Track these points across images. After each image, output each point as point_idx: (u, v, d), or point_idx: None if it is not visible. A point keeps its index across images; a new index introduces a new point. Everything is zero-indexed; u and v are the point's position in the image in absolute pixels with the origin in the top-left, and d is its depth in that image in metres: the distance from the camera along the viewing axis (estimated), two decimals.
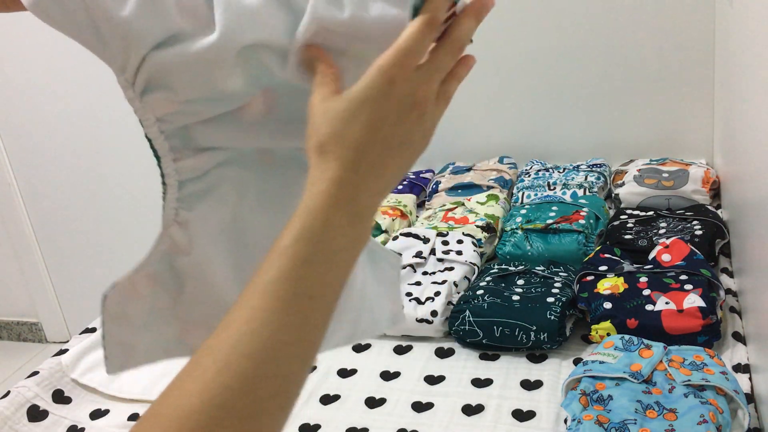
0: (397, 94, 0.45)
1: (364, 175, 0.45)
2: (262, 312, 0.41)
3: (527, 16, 1.72)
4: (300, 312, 0.43)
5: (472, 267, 1.31)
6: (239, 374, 0.40)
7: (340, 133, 0.45)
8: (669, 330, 1.03)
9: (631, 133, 1.74)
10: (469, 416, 1.00)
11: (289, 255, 0.43)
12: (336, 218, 0.44)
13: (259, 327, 0.41)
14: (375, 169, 0.45)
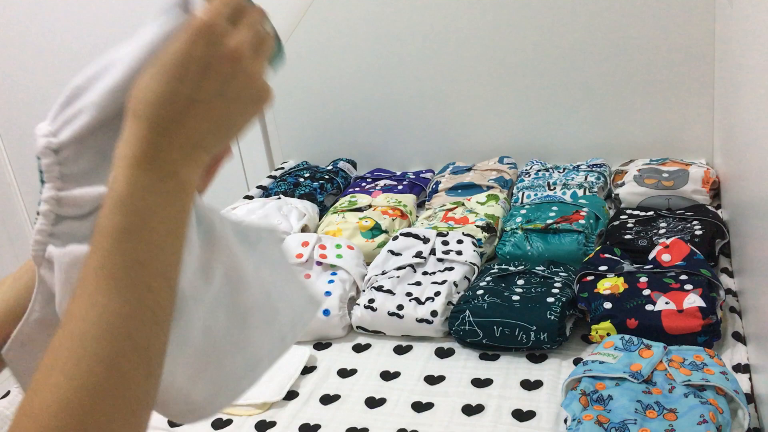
0: (202, 46, 0.45)
1: (167, 131, 0.45)
2: (100, 295, 0.42)
3: (527, 16, 1.72)
4: (137, 281, 0.43)
5: (472, 267, 1.31)
6: (99, 358, 0.41)
7: (143, 92, 0.45)
8: (669, 330, 1.03)
9: (631, 133, 1.74)
10: (469, 416, 1.00)
11: (108, 230, 0.43)
12: (142, 179, 0.44)
13: (102, 310, 0.42)
14: (182, 123, 0.45)
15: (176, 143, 0.45)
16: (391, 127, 1.96)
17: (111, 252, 0.43)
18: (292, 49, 2.11)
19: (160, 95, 0.45)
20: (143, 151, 0.44)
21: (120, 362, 0.41)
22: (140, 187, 0.44)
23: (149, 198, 0.44)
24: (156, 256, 0.44)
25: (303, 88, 1.98)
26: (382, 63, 1.89)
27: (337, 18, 1.88)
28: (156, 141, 0.44)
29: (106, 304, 0.42)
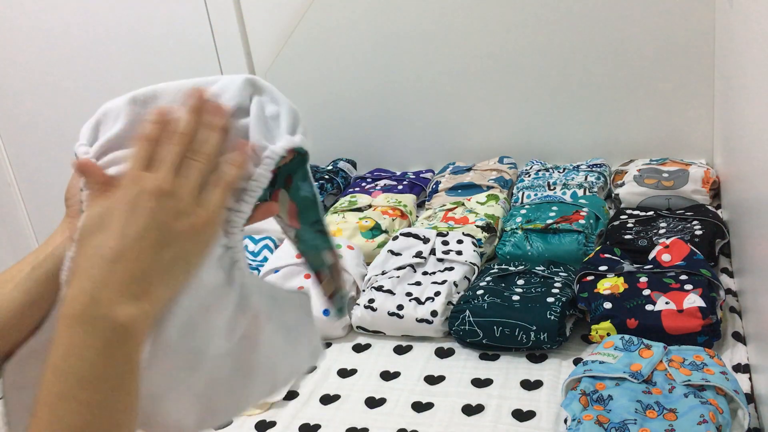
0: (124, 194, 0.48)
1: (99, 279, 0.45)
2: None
3: (527, 17, 1.72)
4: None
5: (472, 267, 1.31)
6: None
7: (79, 251, 0.47)
8: (669, 330, 1.03)
9: (631, 133, 1.74)
10: (469, 416, 1.00)
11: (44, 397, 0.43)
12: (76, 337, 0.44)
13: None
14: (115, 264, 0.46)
15: (111, 287, 0.45)
16: (391, 127, 1.96)
17: (50, 422, 0.43)
18: (293, 49, 2.12)
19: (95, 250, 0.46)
20: (80, 304, 0.45)
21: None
22: (75, 345, 0.44)
23: (86, 355, 0.44)
24: (100, 415, 0.44)
25: (303, 88, 1.98)
26: (382, 63, 1.89)
27: (337, 17, 1.88)
28: (90, 291, 0.45)
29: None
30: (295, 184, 0.58)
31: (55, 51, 2.17)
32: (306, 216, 0.59)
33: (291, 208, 0.59)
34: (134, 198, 0.47)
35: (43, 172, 2.39)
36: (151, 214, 0.47)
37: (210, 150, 0.50)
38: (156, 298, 0.47)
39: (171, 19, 2.04)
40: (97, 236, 0.46)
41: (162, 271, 0.47)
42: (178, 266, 0.48)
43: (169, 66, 2.10)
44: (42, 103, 2.27)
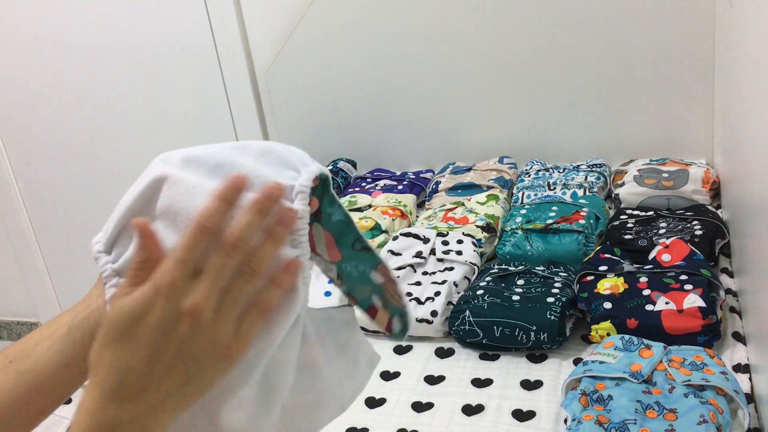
0: (160, 307, 0.43)
1: (123, 398, 0.44)
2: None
3: (527, 17, 1.72)
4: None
5: (472, 267, 1.31)
6: None
7: (100, 351, 0.44)
8: (669, 330, 1.03)
9: (631, 133, 1.74)
10: (469, 416, 1.00)
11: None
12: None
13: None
14: (140, 389, 0.44)
15: (132, 411, 0.44)
16: (391, 127, 1.96)
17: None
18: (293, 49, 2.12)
19: (115, 361, 0.44)
20: (99, 422, 0.43)
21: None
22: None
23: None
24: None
25: (303, 88, 1.98)
26: (382, 63, 1.89)
27: (337, 17, 1.88)
28: (111, 410, 0.43)
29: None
30: (325, 213, 0.57)
31: (55, 51, 2.17)
32: (344, 240, 0.58)
33: (327, 239, 0.59)
34: (170, 319, 0.44)
35: (43, 172, 2.39)
36: (184, 342, 0.44)
37: (264, 269, 0.46)
38: (166, 421, 0.45)
39: (171, 19, 2.04)
40: (123, 351, 0.43)
41: (177, 402, 0.45)
42: (193, 397, 0.46)
43: (170, 66, 2.10)
44: (42, 103, 2.27)
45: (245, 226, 0.45)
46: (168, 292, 0.43)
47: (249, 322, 0.46)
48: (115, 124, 2.22)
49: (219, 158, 0.50)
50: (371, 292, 0.61)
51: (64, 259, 2.51)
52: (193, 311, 0.44)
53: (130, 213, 0.50)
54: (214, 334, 0.45)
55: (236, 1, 1.97)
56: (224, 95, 2.09)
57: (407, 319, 0.62)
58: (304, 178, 0.50)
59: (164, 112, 2.16)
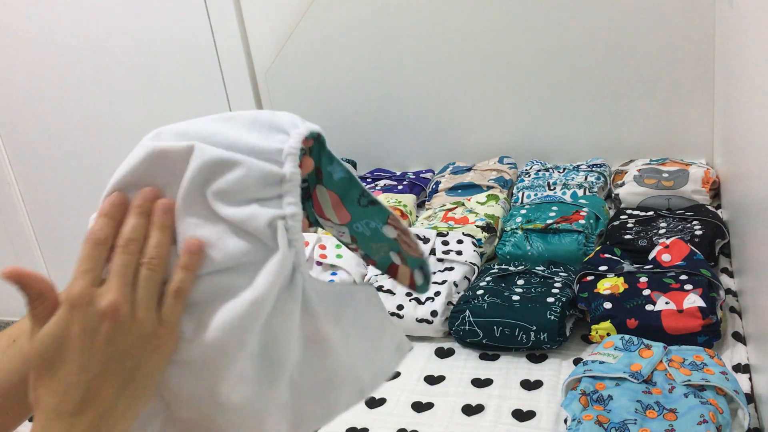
0: (78, 317, 0.44)
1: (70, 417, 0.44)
2: None
3: (527, 17, 1.72)
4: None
5: (472, 267, 1.31)
6: None
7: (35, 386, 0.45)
8: (669, 330, 1.03)
9: (631, 133, 1.74)
10: (469, 416, 1.00)
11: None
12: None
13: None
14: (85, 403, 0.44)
15: (81, 425, 0.44)
16: (391, 127, 1.96)
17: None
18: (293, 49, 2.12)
19: (50, 385, 0.44)
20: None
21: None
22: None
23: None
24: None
25: (303, 88, 1.98)
26: (382, 63, 1.89)
27: (337, 18, 1.88)
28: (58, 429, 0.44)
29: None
30: (326, 173, 0.57)
31: (55, 51, 2.17)
32: (350, 197, 0.58)
33: (333, 199, 0.58)
34: (91, 323, 0.44)
35: (43, 172, 2.39)
36: (111, 341, 0.45)
37: (164, 254, 0.47)
38: (121, 424, 0.46)
39: (171, 19, 2.04)
40: (55, 373, 0.44)
41: (126, 406, 0.46)
42: (142, 392, 0.47)
43: (170, 66, 2.10)
44: (42, 103, 2.27)
45: (132, 227, 0.47)
46: (80, 302, 0.45)
47: (169, 307, 0.47)
48: (116, 124, 2.22)
49: (208, 130, 0.50)
50: (388, 249, 0.60)
51: (64, 259, 2.51)
52: (109, 308, 0.45)
53: (121, 186, 0.49)
54: (137, 327, 0.46)
55: (236, 1, 1.97)
56: (224, 95, 2.09)
57: (427, 269, 0.61)
58: (294, 140, 0.50)
59: (164, 112, 2.16)
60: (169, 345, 0.47)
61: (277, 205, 0.49)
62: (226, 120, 0.51)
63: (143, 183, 0.49)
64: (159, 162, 0.48)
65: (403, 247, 0.60)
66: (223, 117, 0.52)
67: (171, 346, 0.47)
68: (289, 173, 0.49)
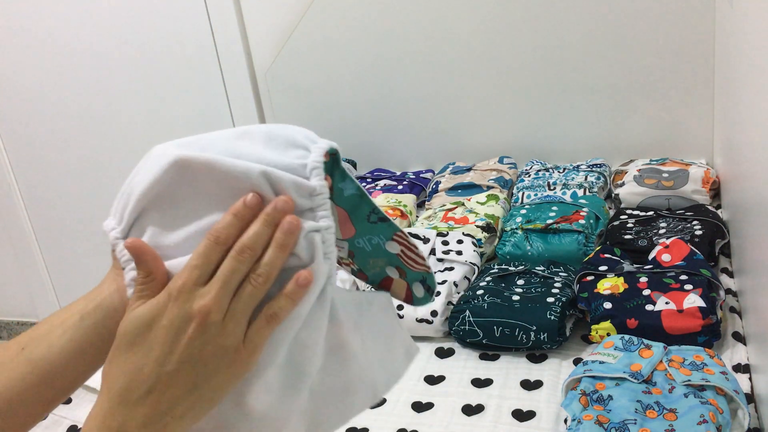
0: (171, 309, 0.45)
1: (131, 404, 0.44)
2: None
3: (527, 17, 1.72)
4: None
5: (472, 267, 1.31)
6: None
7: (111, 360, 0.46)
8: (669, 330, 1.03)
9: (631, 133, 1.74)
10: (469, 416, 1.00)
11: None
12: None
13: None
14: (148, 394, 0.45)
15: (140, 416, 0.45)
16: (391, 127, 1.96)
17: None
18: (293, 49, 2.11)
19: (123, 366, 0.45)
20: (107, 427, 0.44)
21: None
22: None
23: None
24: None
25: (303, 88, 1.98)
26: (382, 63, 1.89)
27: (337, 17, 1.88)
28: (118, 415, 0.44)
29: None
30: (337, 188, 0.57)
31: (55, 51, 2.17)
32: (358, 213, 0.58)
33: (341, 215, 0.58)
34: (180, 320, 0.45)
35: (43, 173, 2.39)
36: (193, 343, 0.45)
37: (273, 275, 0.47)
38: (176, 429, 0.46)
39: (171, 19, 2.04)
40: (133, 355, 0.45)
41: (186, 410, 0.46)
42: (205, 402, 0.47)
43: (170, 66, 2.10)
44: (42, 103, 2.27)
45: (254, 235, 0.47)
46: (179, 295, 0.45)
47: (258, 329, 0.47)
48: (115, 124, 2.22)
49: (227, 147, 0.50)
50: (385, 263, 0.61)
51: (64, 259, 2.51)
52: (201, 311, 0.45)
53: (145, 200, 0.49)
54: (223, 338, 0.46)
55: (236, 1, 1.97)
56: (224, 95, 2.09)
57: (431, 282, 0.61)
58: (316, 154, 0.51)
59: (164, 112, 2.16)
60: (246, 365, 0.47)
61: (309, 217, 0.49)
62: (239, 137, 0.51)
63: (168, 194, 0.49)
64: (183, 173, 0.48)
65: (408, 263, 0.61)
66: (235, 134, 0.51)
67: (248, 367, 0.47)
68: (318, 186, 0.50)
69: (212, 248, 0.46)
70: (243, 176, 0.48)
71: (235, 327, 0.46)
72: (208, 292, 0.45)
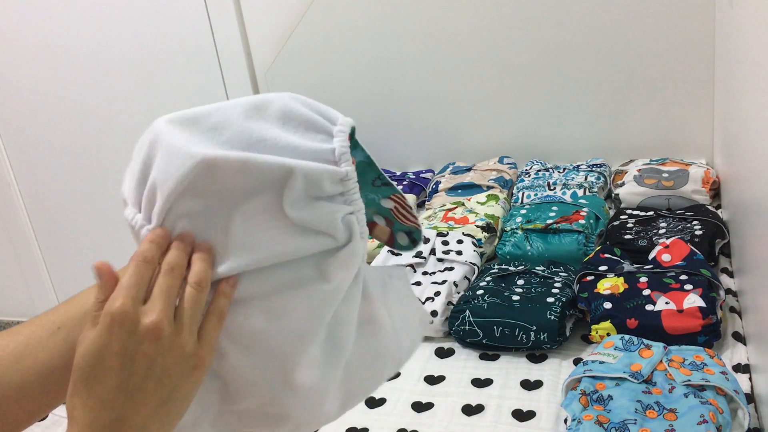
0: (118, 334, 0.44)
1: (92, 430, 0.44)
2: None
3: (527, 17, 1.72)
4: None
5: (472, 267, 1.31)
6: None
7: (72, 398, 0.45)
8: (669, 330, 1.03)
9: (631, 133, 1.74)
10: (469, 416, 1.00)
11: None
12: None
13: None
14: (120, 422, 0.44)
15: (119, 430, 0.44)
16: (391, 127, 1.96)
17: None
18: (293, 49, 2.11)
19: (87, 400, 0.44)
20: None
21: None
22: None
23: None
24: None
25: (303, 88, 1.98)
26: (382, 63, 1.89)
27: (337, 17, 1.88)
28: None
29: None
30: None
31: (55, 51, 2.17)
32: (365, 177, 0.59)
33: None
34: (133, 342, 0.44)
35: (43, 173, 2.39)
36: (151, 361, 0.45)
37: (208, 279, 0.48)
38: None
39: (171, 19, 2.04)
40: (93, 389, 0.44)
41: (159, 424, 0.46)
42: (176, 411, 0.47)
43: (170, 66, 2.10)
44: (42, 103, 2.27)
45: (177, 256, 0.48)
46: (123, 318, 0.44)
47: (209, 328, 0.48)
48: (115, 124, 2.22)
49: (242, 135, 0.49)
50: (375, 212, 0.62)
51: (64, 259, 2.51)
52: (152, 328, 0.45)
53: (175, 197, 0.49)
54: (179, 347, 0.46)
55: (236, 1, 1.97)
56: (224, 95, 2.09)
57: (417, 236, 0.62)
58: (341, 139, 0.51)
59: (164, 112, 2.15)
60: (206, 366, 0.48)
61: (340, 201, 0.51)
62: (250, 115, 0.50)
63: (192, 192, 0.49)
64: (214, 172, 0.48)
65: (398, 217, 0.62)
66: (245, 110, 0.51)
67: (208, 367, 0.48)
68: (349, 171, 0.51)
69: (142, 267, 0.47)
70: (279, 172, 0.48)
71: (189, 335, 0.46)
72: (153, 308, 0.45)
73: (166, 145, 0.50)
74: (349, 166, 0.51)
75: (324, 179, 0.49)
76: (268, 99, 0.52)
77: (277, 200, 0.49)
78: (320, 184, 0.49)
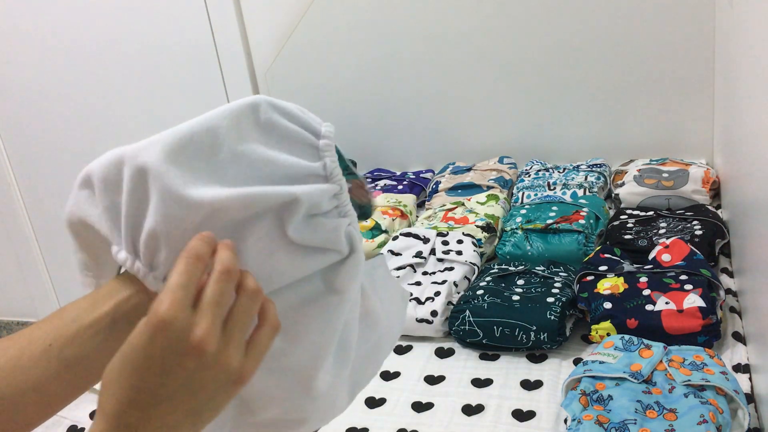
0: (160, 346, 0.42)
1: (129, 429, 0.43)
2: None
3: (527, 17, 1.72)
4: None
5: (472, 267, 1.31)
6: None
7: (108, 386, 0.43)
8: (669, 330, 1.03)
9: (631, 133, 1.74)
10: (469, 416, 1.00)
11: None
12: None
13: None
14: (146, 420, 0.43)
15: (147, 421, 0.43)
16: (391, 127, 1.96)
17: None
18: (293, 49, 2.11)
19: (121, 392, 0.43)
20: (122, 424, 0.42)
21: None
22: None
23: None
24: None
25: (303, 88, 1.98)
26: (382, 63, 1.89)
27: (337, 18, 1.88)
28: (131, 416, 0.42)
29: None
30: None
31: (55, 51, 2.17)
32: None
33: None
34: (172, 353, 0.42)
35: (43, 172, 2.39)
36: (190, 376, 0.43)
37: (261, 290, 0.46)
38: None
39: (171, 19, 2.04)
40: (126, 382, 0.43)
41: (187, 429, 0.45)
42: (206, 420, 0.45)
43: (170, 66, 2.10)
44: (42, 103, 2.27)
45: (230, 258, 0.45)
46: (166, 326, 0.42)
47: (259, 340, 0.46)
48: (115, 124, 2.22)
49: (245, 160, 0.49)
50: None
51: (64, 259, 2.51)
52: (197, 344, 0.42)
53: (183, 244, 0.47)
54: (224, 364, 0.44)
55: (236, 1, 1.97)
56: (224, 95, 2.09)
57: (368, 211, 0.61)
58: (330, 156, 0.52)
59: (164, 112, 2.16)
60: (247, 380, 0.45)
61: (334, 215, 0.52)
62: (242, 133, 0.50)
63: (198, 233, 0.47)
64: (216, 215, 0.47)
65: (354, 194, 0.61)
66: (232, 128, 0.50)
67: (248, 381, 0.46)
68: (342, 186, 0.52)
69: (193, 265, 0.44)
70: (283, 200, 0.48)
71: (235, 347, 0.44)
72: (201, 321, 0.43)
73: (161, 189, 0.47)
74: (341, 180, 0.52)
75: (323, 200, 0.50)
76: (247, 107, 0.51)
77: (277, 222, 0.48)
78: (319, 205, 0.50)
